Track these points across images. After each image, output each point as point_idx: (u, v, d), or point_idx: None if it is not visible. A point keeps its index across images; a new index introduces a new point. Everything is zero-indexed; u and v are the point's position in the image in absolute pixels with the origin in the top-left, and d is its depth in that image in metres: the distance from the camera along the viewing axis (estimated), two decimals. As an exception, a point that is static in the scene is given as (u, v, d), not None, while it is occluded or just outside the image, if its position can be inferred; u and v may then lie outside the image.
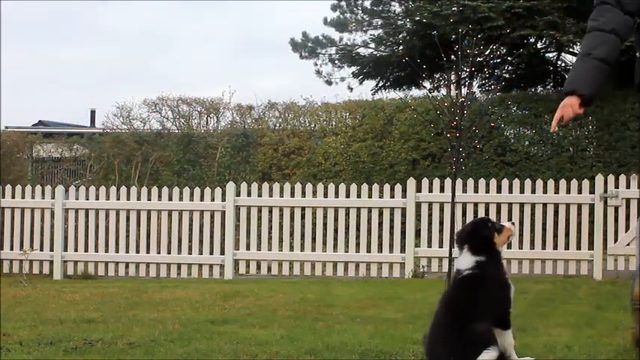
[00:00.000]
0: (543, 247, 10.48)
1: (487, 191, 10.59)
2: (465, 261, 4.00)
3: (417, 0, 16.72)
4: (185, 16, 52.10)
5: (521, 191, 10.54)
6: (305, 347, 4.77)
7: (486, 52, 15.91)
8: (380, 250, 10.83)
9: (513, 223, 4.17)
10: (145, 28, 55.75)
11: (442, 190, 10.63)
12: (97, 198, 11.37)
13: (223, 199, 11.05)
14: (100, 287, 8.94)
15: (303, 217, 10.94)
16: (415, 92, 18.42)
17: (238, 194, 11.06)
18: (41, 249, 11.36)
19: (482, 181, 10.71)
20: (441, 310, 4.02)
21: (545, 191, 10.45)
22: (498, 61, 17.09)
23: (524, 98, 15.38)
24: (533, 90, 17.31)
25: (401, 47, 17.33)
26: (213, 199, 11.12)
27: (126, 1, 52.48)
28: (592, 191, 10.30)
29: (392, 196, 10.87)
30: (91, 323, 6.00)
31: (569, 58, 17.86)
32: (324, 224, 11.00)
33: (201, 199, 11.15)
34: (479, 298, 3.91)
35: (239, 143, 16.38)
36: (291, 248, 11.01)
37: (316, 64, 19.24)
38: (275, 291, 8.21)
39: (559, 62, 17.79)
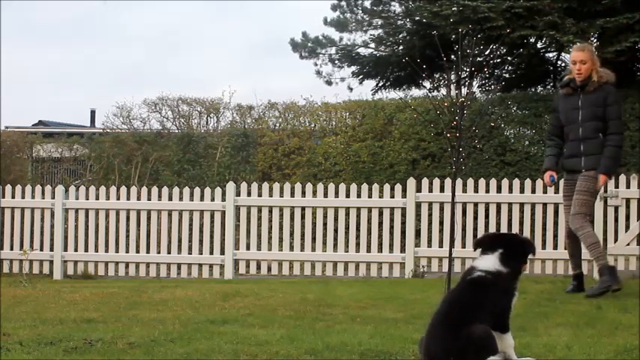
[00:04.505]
0: (543, 247, 10.46)
1: (487, 191, 10.59)
2: (487, 263, 4.02)
3: (417, 0, 16.71)
4: (188, 18, 52.08)
5: (521, 191, 10.53)
6: (305, 347, 4.77)
7: (486, 52, 15.90)
8: (380, 250, 10.83)
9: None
10: (145, 30, 55.76)
11: (442, 190, 10.62)
12: (97, 198, 11.37)
13: (223, 199, 11.05)
14: (100, 287, 8.94)
15: (303, 217, 10.93)
16: (415, 92, 18.43)
17: (238, 194, 11.06)
18: (41, 249, 11.36)
19: (482, 181, 10.70)
20: (443, 309, 4.01)
21: (545, 191, 10.45)
22: (498, 61, 17.06)
23: (524, 98, 15.36)
24: (533, 90, 17.29)
25: (401, 47, 17.31)
26: (213, 199, 11.12)
27: (126, 1, 52.47)
28: (592, 191, 10.27)
29: (392, 196, 10.87)
30: (91, 323, 6.00)
31: (569, 58, 17.84)
32: (324, 224, 11.00)
33: (201, 199, 11.15)
34: (485, 302, 3.91)
35: (239, 143, 16.38)
36: (291, 248, 11.00)
37: (316, 64, 19.25)
38: (275, 291, 8.20)
39: (559, 62, 17.78)
